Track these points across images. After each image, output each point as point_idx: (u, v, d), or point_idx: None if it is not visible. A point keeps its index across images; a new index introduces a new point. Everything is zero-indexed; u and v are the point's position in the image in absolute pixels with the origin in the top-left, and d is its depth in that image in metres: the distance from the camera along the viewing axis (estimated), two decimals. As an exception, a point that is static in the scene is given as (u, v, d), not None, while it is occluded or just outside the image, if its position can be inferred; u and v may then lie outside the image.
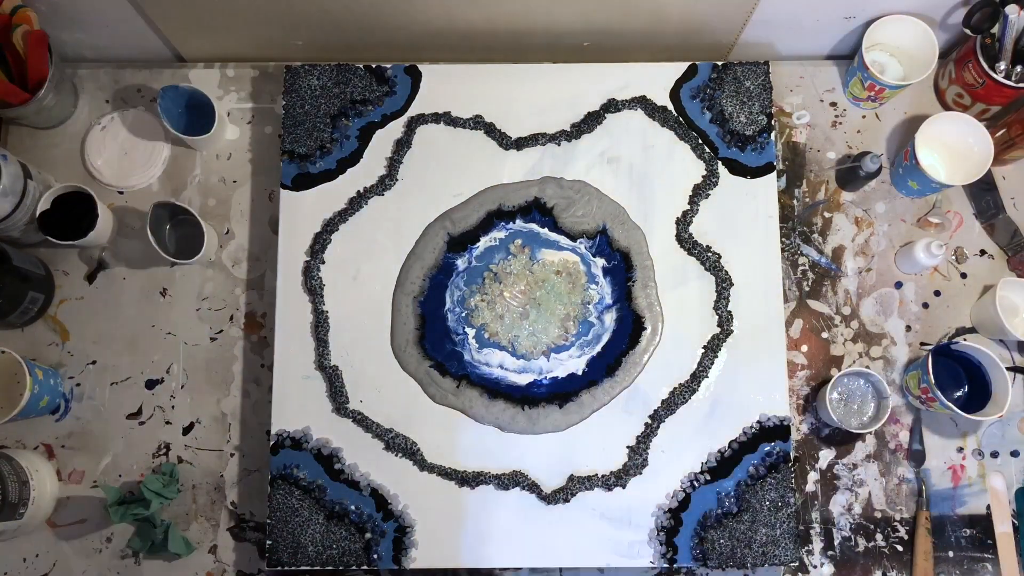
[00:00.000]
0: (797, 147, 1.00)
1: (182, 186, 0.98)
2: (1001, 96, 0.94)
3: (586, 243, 0.93)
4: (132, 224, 0.97)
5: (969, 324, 0.97)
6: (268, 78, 1.00)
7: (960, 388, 0.93)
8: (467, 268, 0.92)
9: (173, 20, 0.94)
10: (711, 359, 0.91)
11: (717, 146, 0.95)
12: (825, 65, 1.03)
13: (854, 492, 0.93)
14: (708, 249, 0.93)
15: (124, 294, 0.95)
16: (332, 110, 0.94)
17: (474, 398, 0.89)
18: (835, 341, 0.96)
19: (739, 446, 0.89)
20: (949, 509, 0.93)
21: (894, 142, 1.01)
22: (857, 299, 0.97)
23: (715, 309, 0.92)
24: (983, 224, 0.99)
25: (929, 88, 1.03)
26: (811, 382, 0.95)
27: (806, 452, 0.94)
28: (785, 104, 1.01)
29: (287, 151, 0.93)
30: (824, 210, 0.99)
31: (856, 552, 0.91)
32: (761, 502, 0.87)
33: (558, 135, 0.95)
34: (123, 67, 1.00)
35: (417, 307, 0.91)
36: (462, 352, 0.90)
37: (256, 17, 0.94)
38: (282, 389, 0.89)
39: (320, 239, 0.92)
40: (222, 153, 0.99)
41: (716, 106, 0.95)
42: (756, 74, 0.96)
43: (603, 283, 0.92)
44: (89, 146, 0.97)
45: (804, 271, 0.97)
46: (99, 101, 1.00)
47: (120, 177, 0.97)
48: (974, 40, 0.92)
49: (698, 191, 0.94)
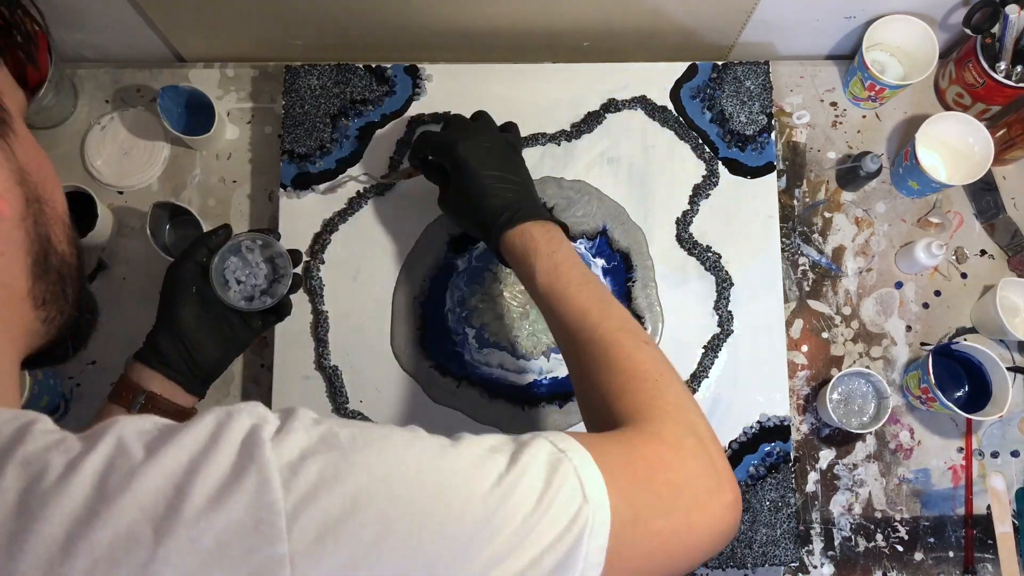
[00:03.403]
0: (797, 147, 1.00)
1: (182, 186, 0.98)
2: (1001, 96, 0.94)
3: (586, 243, 0.93)
4: (132, 224, 0.97)
5: (969, 324, 0.97)
6: (268, 78, 1.00)
7: (960, 388, 0.93)
8: (467, 268, 0.92)
9: (173, 20, 0.94)
10: (711, 359, 0.91)
11: (717, 146, 0.95)
12: (825, 65, 1.03)
13: (854, 492, 0.93)
14: (708, 249, 0.93)
15: (124, 294, 0.95)
16: (332, 110, 0.94)
17: (474, 398, 0.89)
18: (835, 341, 0.96)
19: (739, 446, 0.89)
20: (949, 509, 0.93)
21: (894, 142, 1.01)
22: (857, 299, 0.97)
23: (715, 309, 0.92)
24: (983, 224, 0.99)
25: (929, 88, 1.03)
26: (811, 382, 0.95)
27: (806, 452, 0.94)
28: (785, 104, 1.01)
29: (287, 151, 0.93)
30: (824, 210, 0.99)
31: (856, 552, 0.91)
32: (761, 502, 0.87)
33: (558, 135, 0.94)
34: (123, 67, 1.00)
35: (417, 307, 0.91)
36: (462, 352, 0.90)
37: (256, 17, 0.94)
38: (282, 389, 0.89)
39: (320, 239, 0.92)
40: (222, 153, 0.99)
41: (716, 106, 0.95)
42: (756, 74, 0.96)
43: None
44: (89, 146, 0.97)
45: (804, 271, 0.97)
46: (99, 101, 1.00)
47: (120, 177, 0.97)
48: (974, 40, 0.92)
49: (698, 191, 0.94)
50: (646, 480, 0.48)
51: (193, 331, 0.74)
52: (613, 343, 0.60)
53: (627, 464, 0.48)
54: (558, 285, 0.65)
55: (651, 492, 0.47)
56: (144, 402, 0.71)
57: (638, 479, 0.47)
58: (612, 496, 0.44)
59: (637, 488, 0.47)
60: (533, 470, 0.43)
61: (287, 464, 0.37)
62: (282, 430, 0.38)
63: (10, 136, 0.43)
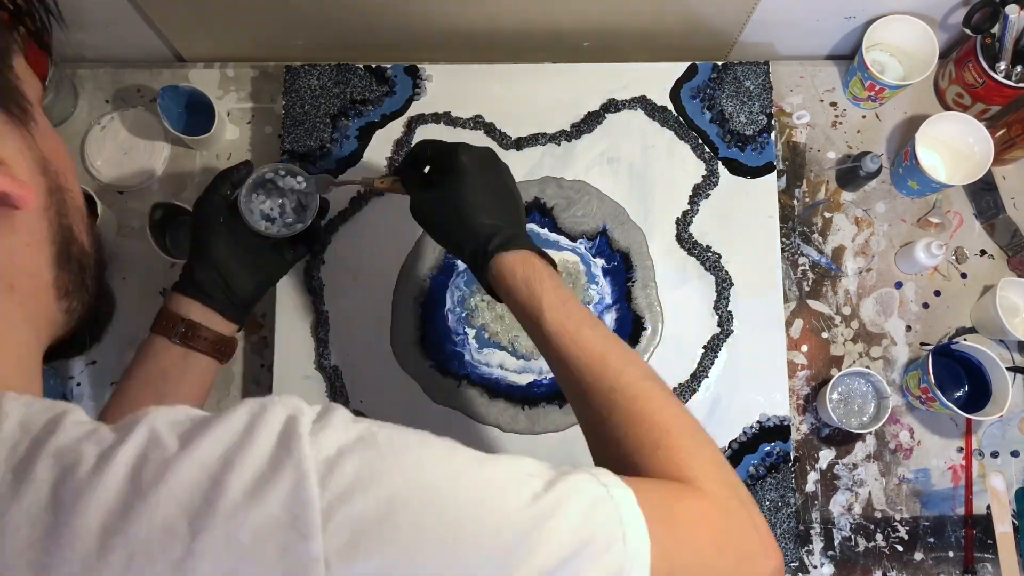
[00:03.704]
0: (797, 147, 1.00)
1: (182, 186, 0.98)
2: (1001, 96, 0.94)
3: (586, 243, 0.93)
4: (132, 224, 0.97)
5: (969, 324, 0.97)
6: (268, 78, 1.00)
7: (960, 388, 0.93)
8: (467, 268, 0.92)
9: (173, 20, 0.94)
10: (711, 359, 0.91)
11: (717, 146, 0.95)
12: (825, 65, 1.03)
13: (854, 492, 0.93)
14: (708, 249, 0.93)
15: (124, 294, 0.95)
16: (332, 110, 0.94)
17: (474, 398, 0.89)
18: (835, 341, 0.96)
19: (739, 446, 0.89)
20: (949, 509, 0.93)
21: (894, 142, 1.01)
22: (857, 299, 0.97)
23: (715, 309, 0.92)
24: (983, 224, 0.99)
25: (929, 88, 1.03)
26: (811, 382, 0.95)
27: (806, 452, 0.94)
28: (785, 104, 1.01)
29: (287, 151, 0.93)
30: (824, 210, 0.99)
31: (856, 552, 0.91)
32: (761, 502, 0.87)
33: (558, 135, 0.95)
34: (123, 67, 1.00)
35: (417, 307, 0.91)
36: (462, 352, 0.90)
37: (256, 17, 0.94)
38: (282, 389, 0.89)
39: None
40: (222, 153, 0.99)
41: (716, 106, 0.95)
42: (756, 74, 0.96)
43: (603, 283, 0.92)
44: (89, 146, 0.97)
45: (804, 271, 0.97)
46: (99, 101, 1.00)
47: (120, 177, 0.97)
48: (974, 40, 0.92)
49: (698, 191, 0.94)
50: (688, 535, 0.46)
51: (225, 260, 0.73)
52: (641, 394, 0.55)
53: (669, 516, 0.45)
54: (570, 325, 0.58)
55: (692, 549, 0.45)
56: (184, 330, 0.71)
57: (680, 532, 0.45)
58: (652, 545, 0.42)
59: (678, 542, 0.44)
60: (572, 500, 0.41)
61: (324, 460, 0.36)
62: (320, 424, 0.37)
63: (32, 125, 0.42)
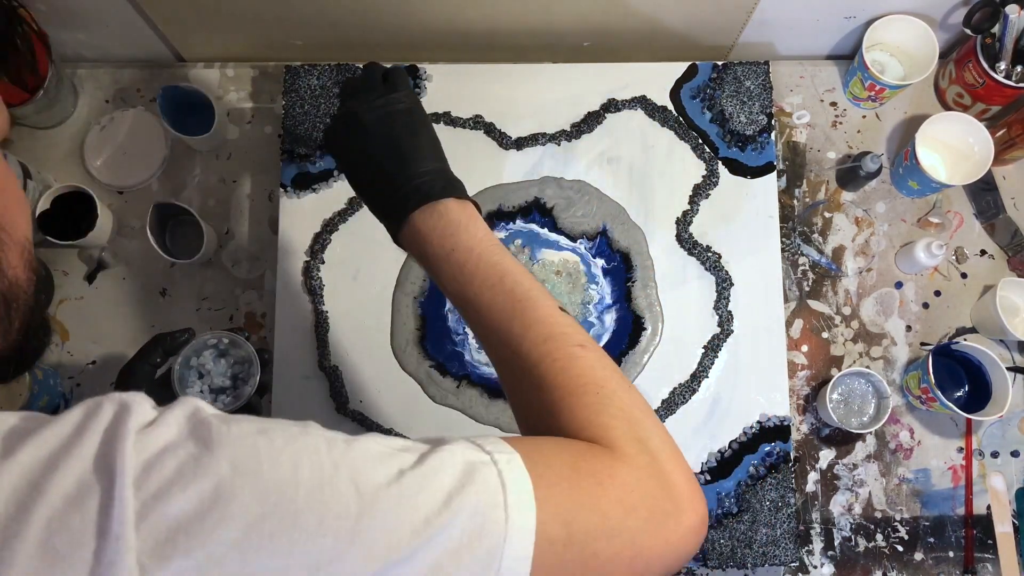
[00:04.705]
0: (797, 147, 1.00)
1: (182, 186, 0.98)
2: (1001, 96, 0.94)
3: (586, 243, 0.93)
4: (132, 224, 0.97)
5: (969, 324, 0.97)
6: (268, 78, 1.00)
7: (960, 388, 0.93)
8: (467, 268, 0.92)
9: (173, 20, 0.94)
10: (711, 359, 0.91)
11: (717, 146, 0.95)
12: (825, 65, 1.03)
13: (854, 492, 0.93)
14: (708, 249, 0.93)
15: (124, 294, 0.95)
16: (332, 110, 0.94)
17: (474, 398, 0.89)
18: (835, 341, 0.96)
19: (739, 446, 0.89)
20: (949, 509, 0.93)
21: (894, 142, 1.01)
22: (857, 299, 0.97)
23: (715, 309, 0.92)
24: (983, 224, 0.99)
25: (929, 88, 1.02)
26: (811, 382, 0.95)
27: (806, 452, 0.94)
28: (785, 104, 1.01)
29: (287, 151, 0.93)
30: (824, 210, 0.99)
31: (856, 552, 0.91)
32: (761, 502, 0.87)
33: (558, 135, 0.94)
34: (123, 67, 1.00)
35: (417, 307, 0.91)
36: (462, 352, 0.90)
37: (256, 17, 0.94)
38: (282, 389, 0.89)
39: (320, 239, 0.92)
40: (222, 153, 0.99)
41: (716, 106, 0.95)
42: (756, 74, 0.96)
43: (603, 283, 0.92)
44: (89, 146, 0.97)
45: (804, 271, 0.97)
46: (99, 101, 1.00)
47: (120, 177, 0.97)
48: (974, 40, 0.92)
49: (698, 191, 0.94)
50: (590, 496, 0.43)
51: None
52: (542, 358, 0.51)
53: (571, 476, 0.44)
54: (469, 292, 0.55)
55: (595, 511, 0.43)
56: None
57: (580, 494, 0.43)
58: (542, 510, 0.40)
59: (577, 504, 0.42)
60: (447, 470, 0.40)
61: (143, 461, 0.35)
62: (155, 423, 0.37)
63: None
